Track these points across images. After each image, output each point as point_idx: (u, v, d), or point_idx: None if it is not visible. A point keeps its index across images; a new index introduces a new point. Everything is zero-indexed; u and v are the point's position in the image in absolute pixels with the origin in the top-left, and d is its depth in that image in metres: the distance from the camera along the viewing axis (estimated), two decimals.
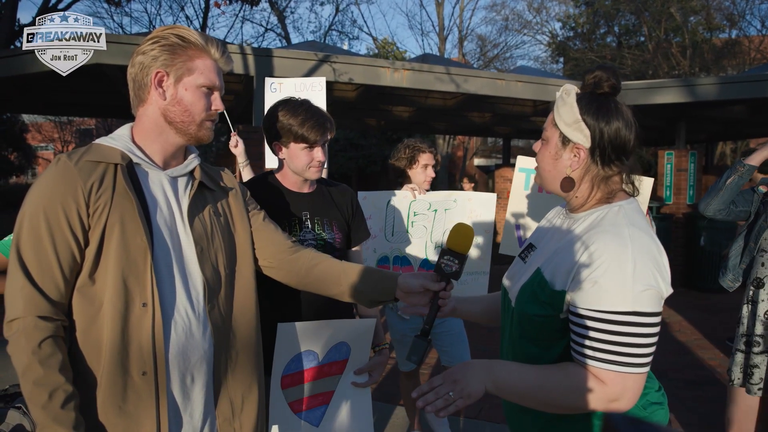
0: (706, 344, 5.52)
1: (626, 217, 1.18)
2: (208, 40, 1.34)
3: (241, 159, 3.22)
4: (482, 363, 1.22)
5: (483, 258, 2.94)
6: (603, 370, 1.11)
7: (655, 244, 1.15)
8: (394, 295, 1.47)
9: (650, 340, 1.11)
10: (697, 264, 8.24)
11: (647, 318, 1.09)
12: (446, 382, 1.19)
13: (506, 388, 1.19)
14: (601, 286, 1.11)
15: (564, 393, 1.15)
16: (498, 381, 1.19)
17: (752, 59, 19.00)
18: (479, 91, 7.52)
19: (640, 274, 1.09)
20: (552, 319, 1.21)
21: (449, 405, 1.17)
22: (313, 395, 1.76)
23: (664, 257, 1.17)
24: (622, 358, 1.10)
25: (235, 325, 1.40)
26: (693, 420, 3.74)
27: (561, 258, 1.21)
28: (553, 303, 1.20)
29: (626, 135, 1.22)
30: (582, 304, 1.14)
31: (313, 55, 6.99)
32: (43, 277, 1.17)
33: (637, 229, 1.15)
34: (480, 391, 1.18)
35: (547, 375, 1.17)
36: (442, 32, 23.82)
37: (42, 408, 1.12)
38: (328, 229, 1.98)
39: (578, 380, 1.13)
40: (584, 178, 1.25)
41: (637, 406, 1.24)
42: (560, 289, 1.18)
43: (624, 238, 1.13)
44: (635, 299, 1.09)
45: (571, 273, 1.16)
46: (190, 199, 1.36)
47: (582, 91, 1.27)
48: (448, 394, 1.17)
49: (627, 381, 1.10)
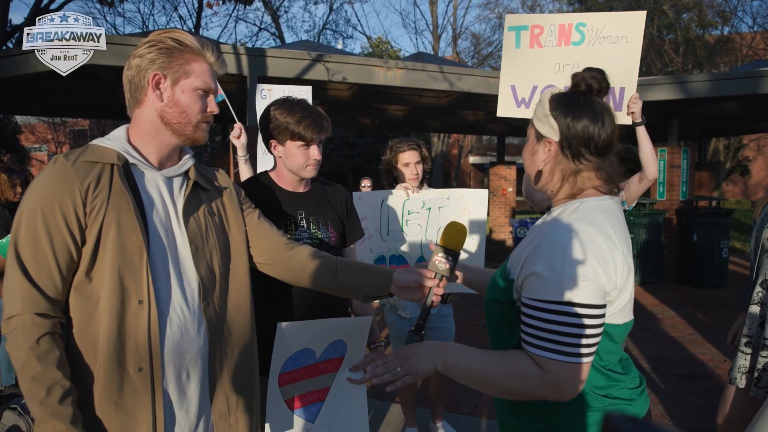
0: (698, 339, 5.57)
1: (581, 213, 1.21)
2: (204, 44, 1.37)
3: (242, 152, 3.14)
4: (435, 344, 1.30)
5: (477, 253, 2.97)
6: (543, 357, 1.15)
7: (605, 240, 1.17)
8: (389, 290, 1.49)
9: (589, 332, 1.13)
10: (689, 260, 8.30)
11: (583, 309, 1.12)
12: (397, 357, 1.28)
13: (455, 369, 1.26)
14: (539, 276, 1.15)
15: (509, 378, 1.20)
16: (448, 362, 1.26)
17: (744, 56, 19.11)
18: (473, 90, 7.55)
19: (578, 267, 1.13)
20: (508, 306, 1.26)
21: (396, 380, 1.26)
22: (309, 392, 1.78)
23: (616, 254, 1.18)
24: (560, 347, 1.13)
25: (230, 323, 1.42)
26: (685, 414, 3.79)
27: (520, 249, 1.27)
28: (507, 290, 1.26)
29: (594, 130, 1.24)
30: (524, 293, 1.19)
31: (307, 54, 7.01)
32: (41, 274, 1.19)
33: (587, 223, 1.18)
34: (428, 370, 1.26)
35: (495, 360, 1.23)
36: (435, 31, 23.85)
37: (40, 403, 1.14)
38: (324, 228, 1.99)
39: (522, 366, 1.18)
40: (555, 170, 1.29)
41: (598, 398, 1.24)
42: (512, 278, 1.24)
43: (569, 231, 1.16)
44: (571, 290, 1.12)
45: (521, 263, 1.22)
46: (185, 199, 1.38)
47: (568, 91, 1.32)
48: (396, 369, 1.26)
49: (566, 370, 1.14)
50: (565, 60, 2.59)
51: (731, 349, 2.63)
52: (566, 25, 2.60)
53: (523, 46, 2.68)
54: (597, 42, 2.56)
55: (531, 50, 2.66)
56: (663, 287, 8.20)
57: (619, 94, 2.55)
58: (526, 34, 2.66)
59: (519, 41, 2.68)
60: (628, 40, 2.52)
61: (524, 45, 2.68)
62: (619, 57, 2.52)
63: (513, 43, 2.70)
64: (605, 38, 2.55)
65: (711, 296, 7.61)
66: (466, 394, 4.13)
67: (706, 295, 7.71)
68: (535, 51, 2.65)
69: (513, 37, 2.69)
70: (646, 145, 2.60)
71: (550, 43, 2.63)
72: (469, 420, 3.69)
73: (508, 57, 2.72)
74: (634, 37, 2.52)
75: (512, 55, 2.71)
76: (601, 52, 2.55)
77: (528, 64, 2.68)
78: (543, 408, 1.25)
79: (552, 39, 2.63)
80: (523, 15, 2.84)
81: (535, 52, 2.65)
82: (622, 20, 2.54)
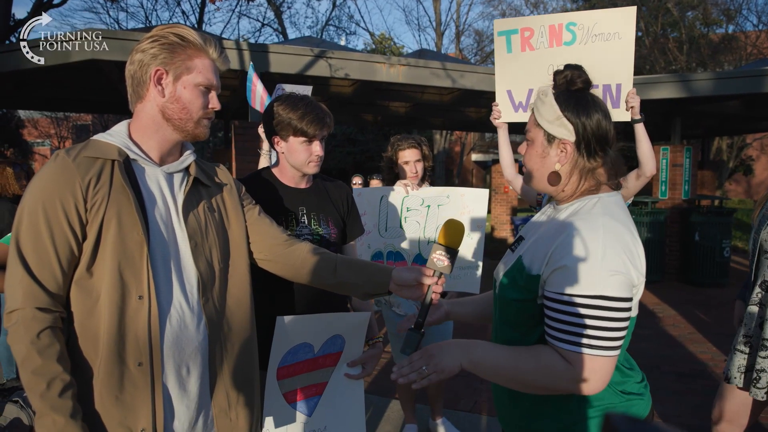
0: (699, 338, 5.57)
1: (603, 208, 1.23)
2: (207, 40, 1.37)
3: (266, 146, 2.97)
4: (460, 342, 1.29)
5: (476, 253, 2.97)
6: (570, 352, 1.15)
7: (629, 234, 1.20)
8: (388, 288, 1.50)
9: (617, 325, 1.14)
10: (691, 259, 8.28)
11: (613, 302, 1.13)
12: (423, 356, 1.27)
13: (481, 365, 1.26)
14: (570, 271, 1.15)
15: (535, 373, 1.20)
16: (474, 359, 1.26)
17: (749, 54, 19.04)
18: (475, 87, 7.54)
19: (609, 260, 1.14)
20: (529, 304, 1.26)
21: (423, 378, 1.26)
22: (307, 386, 1.79)
23: (640, 248, 1.21)
24: (589, 341, 1.14)
25: (229, 318, 1.43)
26: (685, 412, 3.79)
27: (539, 245, 1.27)
28: (528, 287, 1.25)
29: (606, 126, 1.28)
30: (552, 287, 1.19)
31: (309, 50, 7.00)
32: (42, 269, 1.20)
33: (612, 218, 1.20)
34: (454, 368, 1.25)
35: (521, 355, 1.23)
36: (438, 27, 23.81)
37: (40, 396, 1.15)
38: (324, 225, 2.00)
39: (549, 361, 1.18)
40: (572, 171, 1.30)
41: (617, 394, 1.28)
42: (536, 273, 1.24)
43: (597, 226, 1.18)
44: (602, 284, 1.13)
45: (545, 258, 1.21)
46: (185, 195, 1.38)
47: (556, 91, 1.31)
48: (422, 368, 1.25)
49: (594, 363, 1.14)
50: (558, 60, 2.59)
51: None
52: (556, 25, 2.59)
53: (515, 50, 2.67)
54: (589, 40, 2.56)
55: (523, 53, 2.65)
56: (664, 286, 8.19)
57: (616, 90, 2.55)
58: (516, 38, 2.66)
59: (510, 46, 2.67)
60: (620, 36, 2.51)
61: (516, 49, 2.67)
62: (613, 54, 2.51)
63: (504, 48, 2.69)
64: (597, 36, 2.54)
65: (712, 295, 7.61)
66: (466, 390, 4.14)
67: (707, 294, 7.70)
68: (527, 54, 2.64)
69: (503, 42, 2.69)
70: (644, 142, 2.60)
71: (541, 45, 2.63)
72: (469, 417, 3.70)
73: (501, 62, 2.72)
74: (626, 33, 2.51)
75: (505, 60, 2.71)
76: (594, 50, 2.54)
77: (521, 68, 2.67)
78: (564, 406, 1.25)
79: (543, 41, 2.63)
80: (512, 19, 2.83)
81: (527, 55, 2.64)
82: (613, 17, 2.52)
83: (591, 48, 2.55)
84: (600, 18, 2.54)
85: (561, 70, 1.32)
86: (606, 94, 2.55)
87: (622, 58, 2.51)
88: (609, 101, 2.54)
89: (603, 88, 2.55)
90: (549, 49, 2.62)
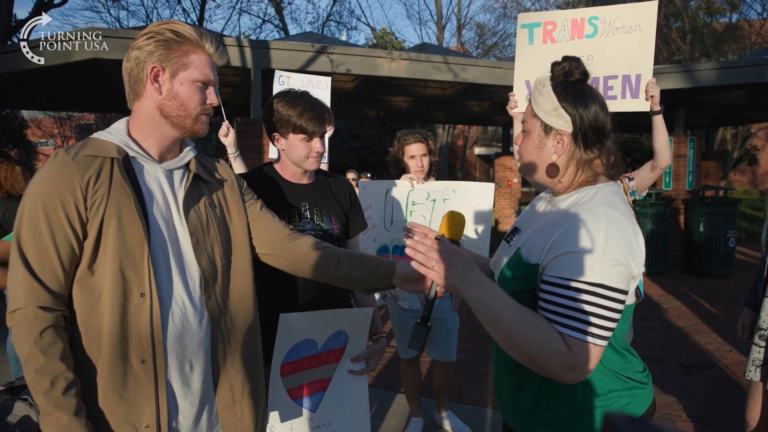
0: (704, 329, 5.56)
1: (603, 198, 1.23)
2: (203, 35, 1.36)
3: (231, 150, 3.16)
4: (478, 272, 1.21)
5: (482, 247, 2.97)
6: (574, 338, 1.14)
7: (630, 225, 1.19)
8: (392, 282, 1.49)
9: (612, 315, 1.14)
10: (696, 249, 8.26)
11: (612, 293, 1.13)
12: (442, 255, 1.20)
13: (483, 304, 1.18)
14: (571, 257, 1.15)
15: (532, 341, 1.15)
16: (480, 295, 1.18)
17: (753, 43, 18.89)
18: (477, 80, 7.51)
19: (610, 250, 1.13)
20: (527, 295, 1.25)
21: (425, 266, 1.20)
22: (311, 382, 1.80)
23: (640, 239, 1.21)
24: (586, 327, 1.13)
25: (232, 314, 1.43)
26: (691, 403, 3.79)
27: (538, 235, 1.26)
28: (527, 277, 1.24)
29: (603, 117, 1.27)
30: (552, 272, 1.18)
31: (311, 46, 6.99)
32: (43, 268, 1.20)
33: (613, 209, 1.19)
34: (455, 285, 1.18)
35: (525, 317, 1.16)
36: (440, 21, 23.71)
37: (44, 395, 1.16)
38: (327, 220, 2.00)
39: (550, 337, 1.14)
40: (569, 162, 1.30)
41: (621, 379, 1.28)
42: (535, 262, 1.23)
43: (598, 216, 1.17)
44: (603, 273, 1.12)
45: (545, 247, 1.21)
46: (185, 192, 1.38)
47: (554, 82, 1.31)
48: (432, 261, 1.19)
49: (592, 351, 1.14)
50: (578, 52, 2.62)
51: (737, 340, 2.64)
52: (578, 19, 2.65)
53: (536, 43, 2.72)
54: (610, 33, 2.60)
55: (544, 45, 2.70)
56: (669, 277, 8.17)
57: (635, 80, 2.57)
58: (539, 30, 2.71)
59: (532, 38, 2.72)
60: (641, 29, 2.55)
61: (537, 41, 2.72)
62: (633, 45, 2.55)
63: (526, 40, 2.74)
64: (618, 29, 2.58)
65: (717, 286, 7.58)
66: (472, 384, 4.15)
67: (712, 285, 7.68)
68: (548, 46, 2.69)
69: (526, 34, 2.74)
70: (662, 133, 2.61)
71: (563, 37, 2.68)
72: (475, 410, 3.70)
73: (522, 53, 2.76)
74: (647, 26, 2.54)
75: (525, 51, 2.76)
76: (614, 42, 2.58)
77: (541, 59, 2.70)
78: (569, 396, 1.25)
79: (565, 34, 2.67)
80: (536, 13, 2.89)
81: (548, 47, 2.69)
82: (635, 11, 2.57)
83: (611, 40, 2.59)
84: (622, 12, 2.59)
85: (559, 62, 1.31)
86: (625, 84, 2.57)
87: (643, 49, 2.55)
88: (628, 91, 2.58)
89: (622, 78, 2.58)
90: (570, 41, 2.66)
